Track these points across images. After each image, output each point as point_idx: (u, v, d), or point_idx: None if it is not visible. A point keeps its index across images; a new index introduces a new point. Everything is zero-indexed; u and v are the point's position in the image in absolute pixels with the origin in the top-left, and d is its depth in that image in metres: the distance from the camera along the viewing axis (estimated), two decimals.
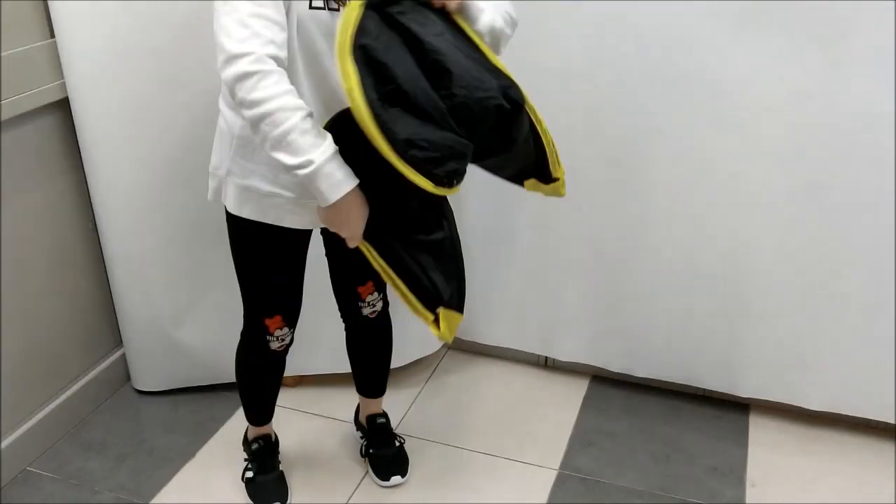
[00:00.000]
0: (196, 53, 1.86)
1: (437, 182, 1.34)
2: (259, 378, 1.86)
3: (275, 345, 1.75)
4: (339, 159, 1.36)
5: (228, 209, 1.61)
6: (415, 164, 1.31)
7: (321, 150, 1.33)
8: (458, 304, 1.52)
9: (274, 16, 1.34)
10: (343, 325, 1.91)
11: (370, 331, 1.90)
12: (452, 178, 1.36)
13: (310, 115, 1.35)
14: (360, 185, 1.38)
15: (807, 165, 1.87)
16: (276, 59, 1.33)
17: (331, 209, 1.39)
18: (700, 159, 1.95)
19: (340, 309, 1.87)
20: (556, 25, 1.91)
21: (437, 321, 1.47)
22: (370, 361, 1.97)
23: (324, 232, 1.73)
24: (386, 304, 1.87)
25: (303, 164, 1.33)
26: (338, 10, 1.39)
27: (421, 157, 1.31)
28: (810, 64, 1.78)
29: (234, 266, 1.69)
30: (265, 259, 1.66)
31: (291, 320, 1.75)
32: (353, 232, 1.44)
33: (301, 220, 1.58)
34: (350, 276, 1.79)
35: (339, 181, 1.36)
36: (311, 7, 1.40)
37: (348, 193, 1.37)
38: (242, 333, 1.79)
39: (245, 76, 1.30)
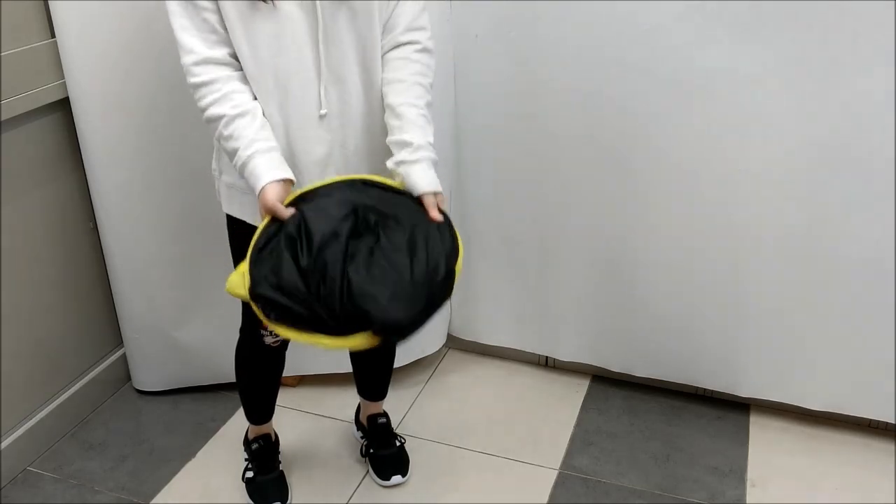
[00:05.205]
0: None
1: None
2: (255, 373, 1.86)
3: (269, 339, 1.76)
4: (266, 157, 1.43)
5: (222, 207, 1.63)
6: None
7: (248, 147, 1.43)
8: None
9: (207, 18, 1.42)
10: None
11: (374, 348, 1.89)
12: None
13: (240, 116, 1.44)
14: None
15: (807, 165, 1.87)
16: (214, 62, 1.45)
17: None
18: (700, 160, 1.95)
19: None
20: (556, 26, 1.91)
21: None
22: (372, 371, 1.98)
23: None
24: None
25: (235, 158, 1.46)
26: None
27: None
28: (810, 64, 1.78)
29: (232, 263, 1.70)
30: None
31: None
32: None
33: None
34: None
35: (258, 175, 1.43)
36: None
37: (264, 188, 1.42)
38: (240, 329, 1.79)
39: (193, 87, 1.46)
